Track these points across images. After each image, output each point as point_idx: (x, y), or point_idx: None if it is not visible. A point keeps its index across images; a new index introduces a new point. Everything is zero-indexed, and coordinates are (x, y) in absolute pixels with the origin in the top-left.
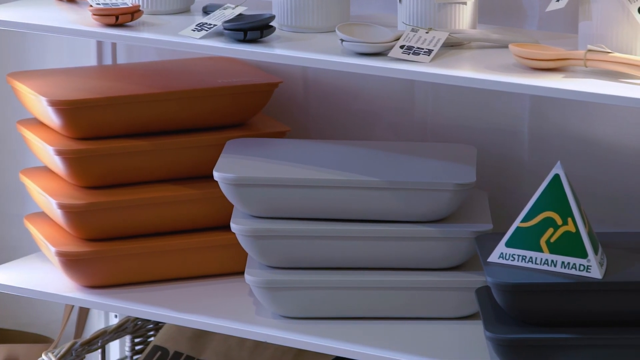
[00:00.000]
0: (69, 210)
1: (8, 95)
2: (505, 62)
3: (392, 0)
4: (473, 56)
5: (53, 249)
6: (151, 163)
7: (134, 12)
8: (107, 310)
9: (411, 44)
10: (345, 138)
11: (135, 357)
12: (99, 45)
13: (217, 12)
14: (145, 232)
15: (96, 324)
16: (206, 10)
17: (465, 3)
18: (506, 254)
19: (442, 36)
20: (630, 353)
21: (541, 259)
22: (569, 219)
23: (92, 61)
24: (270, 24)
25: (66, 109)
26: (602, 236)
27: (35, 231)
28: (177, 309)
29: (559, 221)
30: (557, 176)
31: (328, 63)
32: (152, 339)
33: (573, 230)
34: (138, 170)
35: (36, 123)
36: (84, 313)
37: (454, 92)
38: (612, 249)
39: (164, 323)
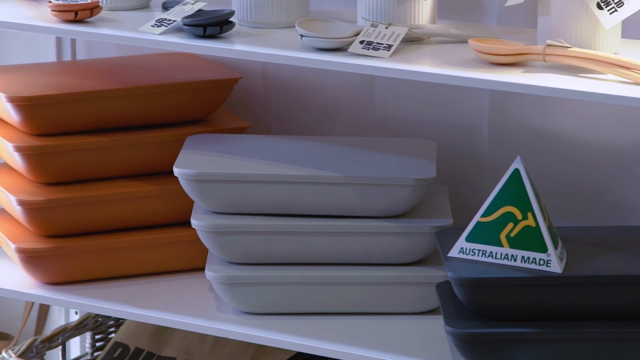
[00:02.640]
0: (28, 207)
1: None
2: (465, 57)
3: None
4: (433, 51)
5: (13, 246)
6: (111, 159)
7: (93, 8)
8: (68, 307)
9: (371, 39)
10: (305, 133)
11: (95, 354)
12: (58, 41)
13: (177, 8)
14: (106, 228)
15: (56, 320)
16: (165, 6)
17: None
18: (466, 248)
19: (401, 31)
20: (590, 347)
21: (501, 254)
22: (529, 214)
23: (51, 57)
24: (230, 19)
25: (25, 105)
26: (562, 231)
27: None
28: (137, 305)
29: (519, 216)
30: (516, 171)
31: (288, 58)
32: (112, 335)
33: (533, 224)
34: (98, 167)
35: None
36: (44, 310)
37: (413, 87)
38: (572, 244)
39: (125, 319)
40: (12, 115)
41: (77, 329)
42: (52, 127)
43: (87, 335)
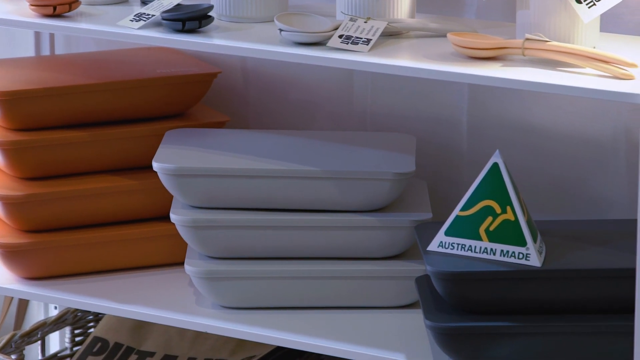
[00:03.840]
0: (7, 202)
1: None
2: (444, 51)
3: None
4: (411, 45)
5: None
6: (90, 154)
7: (71, 3)
8: (47, 302)
9: (350, 33)
10: (284, 128)
11: (75, 349)
12: (37, 35)
13: (155, 3)
14: (85, 223)
15: (36, 315)
16: (144, 1)
17: None
18: (446, 242)
19: (380, 25)
20: (569, 340)
21: (480, 248)
22: (508, 208)
23: (30, 52)
24: (209, 14)
25: (4, 100)
26: (541, 224)
27: None
28: (117, 300)
29: (498, 210)
30: (495, 165)
31: (267, 53)
32: (92, 330)
33: (512, 218)
34: (77, 161)
35: None
36: (23, 305)
37: (393, 82)
38: (551, 237)
39: (104, 314)
40: None
41: (56, 324)
42: (31, 122)
43: (67, 330)
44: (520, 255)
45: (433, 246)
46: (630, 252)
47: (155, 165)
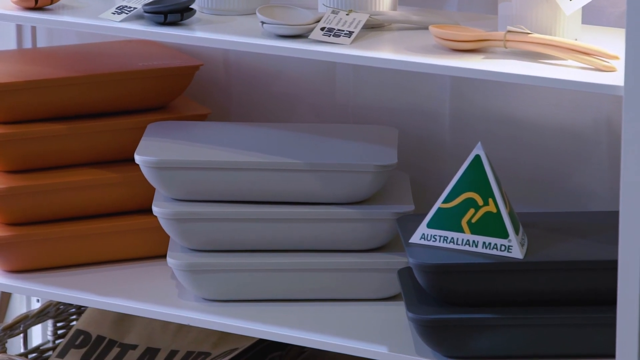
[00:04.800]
0: None
1: None
2: (426, 43)
3: None
4: (393, 38)
5: None
6: (72, 147)
7: None
8: (29, 295)
9: (332, 25)
10: (266, 120)
11: (57, 342)
12: (19, 28)
13: None
14: (67, 216)
15: (18, 308)
16: None
17: None
18: (428, 234)
19: (362, 18)
20: (551, 332)
21: (462, 240)
22: (490, 200)
23: (11, 45)
24: (191, 6)
25: None
26: (523, 216)
27: None
28: (99, 293)
29: (480, 202)
30: (477, 157)
31: (249, 45)
32: (74, 323)
33: (494, 210)
34: (59, 154)
35: None
36: (5, 298)
37: (375, 74)
38: (533, 229)
39: (86, 307)
40: None
41: (38, 317)
42: (13, 115)
43: (49, 323)
44: (503, 247)
45: (415, 238)
46: (612, 244)
47: (137, 158)
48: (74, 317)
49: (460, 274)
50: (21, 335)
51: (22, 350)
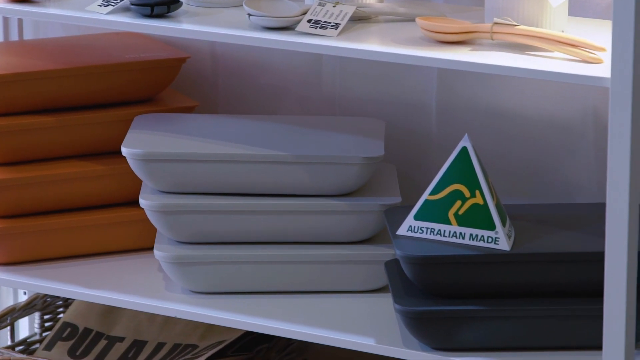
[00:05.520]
0: None
1: None
2: (412, 35)
3: None
4: (380, 30)
5: None
6: (59, 139)
7: None
8: (16, 287)
9: (318, 17)
10: (253, 112)
11: (44, 334)
12: (5, 21)
13: None
14: (54, 208)
15: (5, 301)
16: None
17: None
18: (415, 226)
19: (349, 10)
20: (538, 324)
21: (449, 232)
22: (477, 192)
23: None
24: None
25: None
26: (510, 208)
27: None
28: (86, 285)
29: (467, 194)
30: (464, 149)
31: (235, 38)
32: (61, 315)
33: (481, 202)
34: (46, 147)
35: None
36: None
37: (361, 66)
38: (520, 221)
39: (74, 299)
40: None
41: (25, 309)
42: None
43: (36, 316)
44: (489, 239)
45: (402, 230)
46: (599, 235)
47: (124, 150)
48: (61, 309)
49: (447, 266)
50: (8, 327)
51: (9, 343)
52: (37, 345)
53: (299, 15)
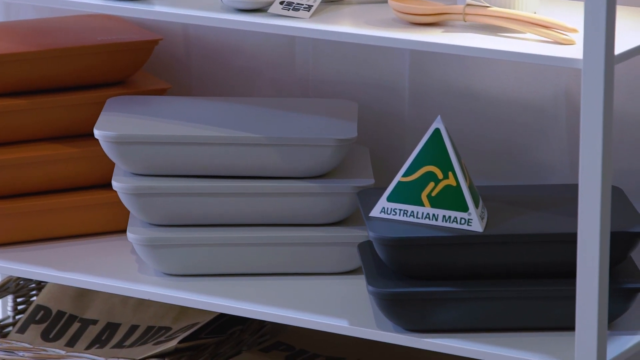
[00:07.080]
0: None
1: None
2: (385, 17)
3: None
4: (353, 11)
5: None
6: (30, 122)
7: None
8: None
9: None
10: (226, 94)
11: (17, 317)
12: None
13: None
14: (26, 191)
15: None
16: None
17: None
18: (388, 208)
19: None
20: (511, 305)
21: (423, 213)
22: (450, 173)
23: None
24: None
25: None
26: (483, 190)
27: None
28: (59, 268)
29: (440, 175)
30: (437, 130)
31: (208, 20)
32: (34, 298)
33: (454, 184)
34: (17, 129)
35: None
36: None
37: (334, 48)
38: (493, 203)
39: (47, 282)
40: None
41: None
42: None
43: (9, 299)
44: (462, 221)
45: (375, 212)
46: (571, 216)
47: (97, 133)
48: (34, 292)
49: (420, 248)
50: None
51: None
52: (10, 328)
53: None
